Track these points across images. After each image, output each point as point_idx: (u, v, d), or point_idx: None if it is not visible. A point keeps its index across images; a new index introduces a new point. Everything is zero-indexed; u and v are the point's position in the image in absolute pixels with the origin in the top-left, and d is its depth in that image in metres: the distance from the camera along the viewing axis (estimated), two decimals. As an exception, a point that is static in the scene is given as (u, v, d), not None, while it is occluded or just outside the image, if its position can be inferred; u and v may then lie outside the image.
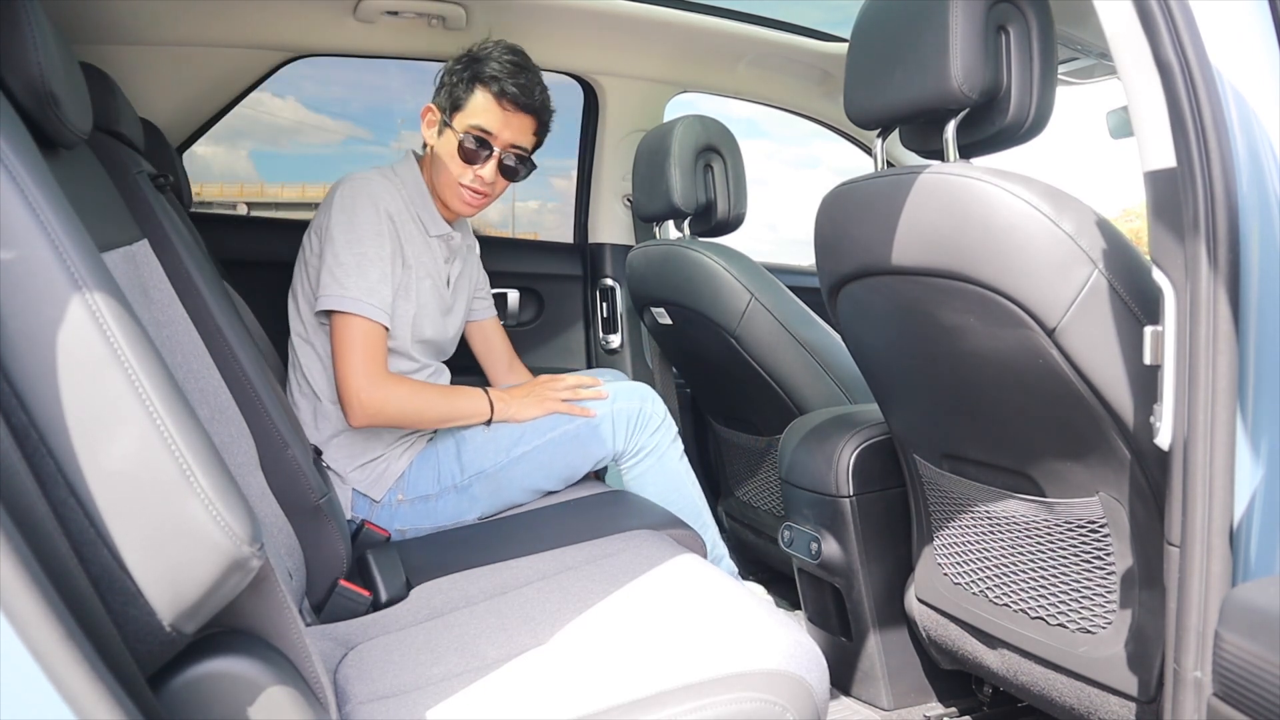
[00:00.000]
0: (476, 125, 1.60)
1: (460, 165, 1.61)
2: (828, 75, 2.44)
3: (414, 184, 1.66)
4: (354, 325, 1.50)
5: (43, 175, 0.67)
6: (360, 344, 1.50)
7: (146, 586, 0.64)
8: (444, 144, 1.62)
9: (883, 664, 1.51)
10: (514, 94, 1.59)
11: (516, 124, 1.62)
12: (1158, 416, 0.89)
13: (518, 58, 1.63)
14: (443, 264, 1.70)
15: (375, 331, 1.51)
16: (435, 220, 1.67)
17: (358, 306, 1.49)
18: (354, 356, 1.49)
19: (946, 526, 1.36)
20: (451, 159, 1.61)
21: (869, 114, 1.22)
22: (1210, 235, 0.82)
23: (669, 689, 0.90)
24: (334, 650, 1.11)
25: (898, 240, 1.14)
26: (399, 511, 1.61)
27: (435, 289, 1.67)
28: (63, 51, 0.90)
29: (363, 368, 1.49)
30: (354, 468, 1.59)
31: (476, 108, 1.60)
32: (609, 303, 2.40)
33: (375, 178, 1.58)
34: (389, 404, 1.51)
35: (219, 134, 2.19)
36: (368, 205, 1.53)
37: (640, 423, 1.69)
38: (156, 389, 0.65)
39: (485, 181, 1.62)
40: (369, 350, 1.50)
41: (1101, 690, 1.13)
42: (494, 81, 1.58)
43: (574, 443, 1.66)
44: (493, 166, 1.62)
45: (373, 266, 1.51)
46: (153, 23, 1.84)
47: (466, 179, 1.62)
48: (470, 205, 1.65)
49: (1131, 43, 0.86)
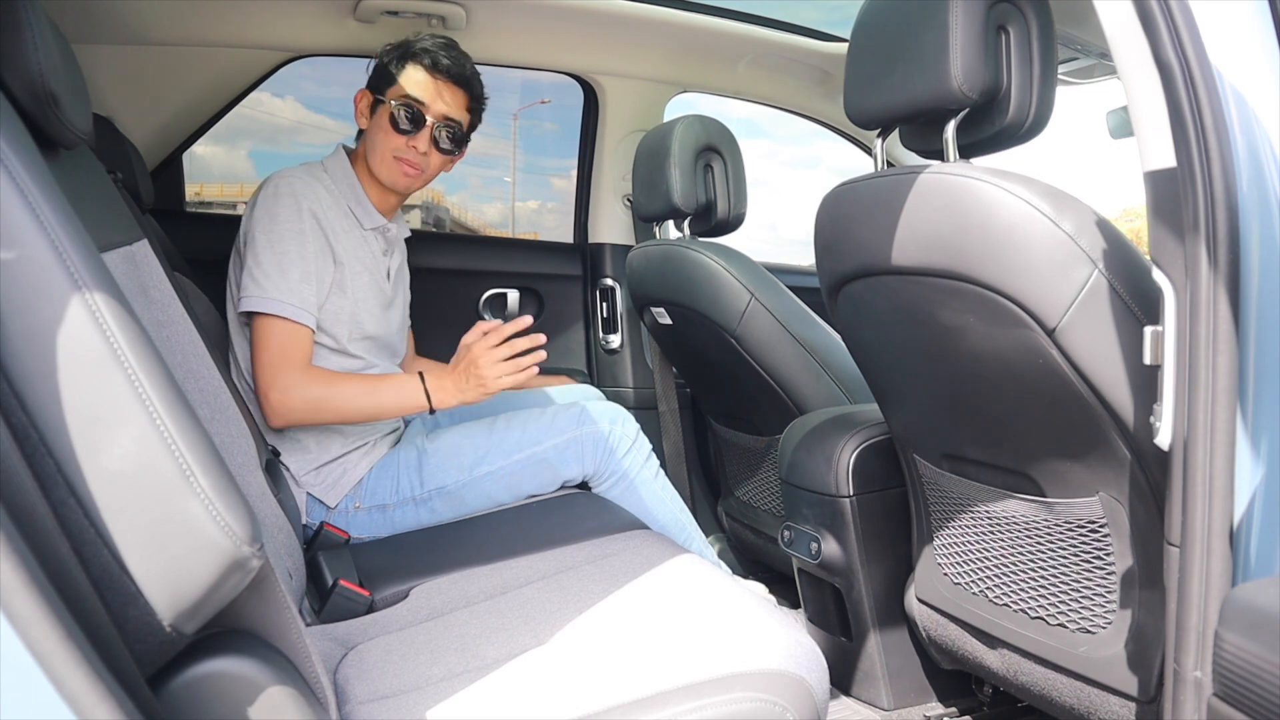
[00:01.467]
0: (408, 95, 1.60)
1: (393, 136, 1.61)
2: (828, 75, 2.44)
3: (344, 177, 1.64)
4: (271, 326, 1.48)
5: (43, 175, 0.67)
6: (274, 344, 1.47)
7: (146, 586, 0.64)
8: (377, 121, 1.62)
9: (883, 664, 1.51)
10: (445, 65, 1.61)
11: (449, 96, 1.63)
12: (1158, 416, 0.89)
13: (449, 39, 1.66)
14: (381, 256, 1.68)
15: (294, 331, 1.49)
16: (369, 213, 1.65)
17: (276, 307, 1.47)
18: (266, 356, 1.47)
19: (946, 526, 1.36)
20: (385, 132, 1.61)
21: (869, 114, 1.22)
22: (1210, 235, 0.82)
23: (669, 689, 0.90)
24: (334, 650, 1.11)
25: (898, 240, 1.14)
26: (355, 519, 1.59)
27: (374, 283, 1.65)
28: (63, 51, 0.90)
29: (274, 367, 1.47)
30: (307, 471, 1.57)
31: (408, 80, 1.61)
32: (609, 303, 2.40)
33: (300, 175, 1.56)
34: (301, 400, 1.48)
35: (219, 134, 2.19)
36: (289, 204, 1.51)
37: (610, 446, 1.67)
38: (156, 389, 0.65)
39: (419, 152, 1.62)
40: (284, 350, 1.48)
41: (1101, 690, 1.13)
42: (425, 54, 1.61)
43: (540, 465, 1.64)
44: (426, 137, 1.62)
45: (293, 266, 1.49)
46: (152, 23, 1.85)
47: (401, 150, 1.61)
48: (406, 177, 1.63)
49: (1131, 43, 0.86)
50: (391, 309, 1.71)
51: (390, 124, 1.60)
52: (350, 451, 1.61)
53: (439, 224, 4.67)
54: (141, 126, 1.94)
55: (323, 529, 1.49)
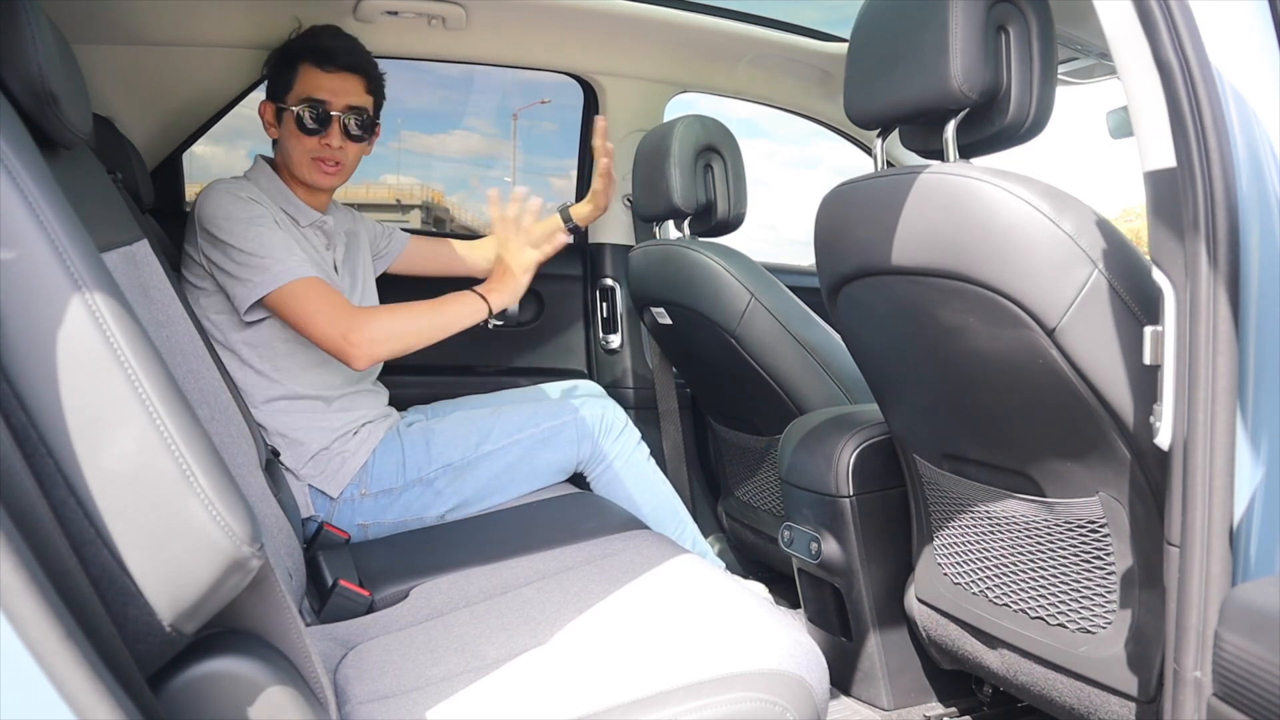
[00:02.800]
0: (308, 97, 1.61)
1: (304, 139, 1.62)
2: (828, 75, 2.44)
3: (269, 183, 1.65)
4: (293, 293, 1.48)
5: (43, 175, 0.67)
6: (311, 303, 1.48)
7: (146, 586, 0.64)
8: (285, 128, 1.64)
9: (883, 664, 1.51)
10: (336, 57, 1.62)
11: (345, 86, 1.63)
12: (1158, 416, 0.89)
13: (331, 27, 1.68)
14: (324, 251, 1.69)
15: (315, 285, 1.49)
16: (302, 210, 1.66)
17: (283, 276, 1.47)
18: (312, 316, 1.47)
19: (946, 526, 1.36)
20: (296, 137, 1.62)
21: (869, 114, 1.22)
22: (1210, 235, 0.82)
23: (669, 689, 0.90)
24: (334, 650, 1.11)
25: (897, 240, 1.14)
26: (361, 506, 1.60)
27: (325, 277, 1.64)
28: (63, 51, 0.90)
29: (329, 318, 1.47)
30: (304, 463, 1.58)
31: (304, 82, 1.62)
32: (609, 303, 2.40)
33: (227, 182, 1.57)
34: (378, 332, 1.49)
35: (219, 134, 2.18)
36: (229, 199, 1.51)
37: (602, 429, 1.74)
38: (156, 389, 0.65)
39: (333, 148, 1.63)
40: (325, 299, 1.49)
41: (1101, 690, 1.13)
42: (310, 52, 1.62)
43: (539, 446, 1.69)
44: (336, 132, 1.63)
45: (269, 239, 1.49)
46: (152, 23, 1.84)
47: (315, 150, 1.63)
48: (328, 176, 1.65)
49: (1131, 43, 0.86)
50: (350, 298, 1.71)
51: (298, 128, 1.61)
52: (341, 437, 1.62)
53: (439, 224, 4.67)
54: (141, 126, 1.94)
55: (322, 529, 1.50)
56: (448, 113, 4.55)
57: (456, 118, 4.75)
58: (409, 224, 3.08)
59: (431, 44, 2.11)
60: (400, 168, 6.61)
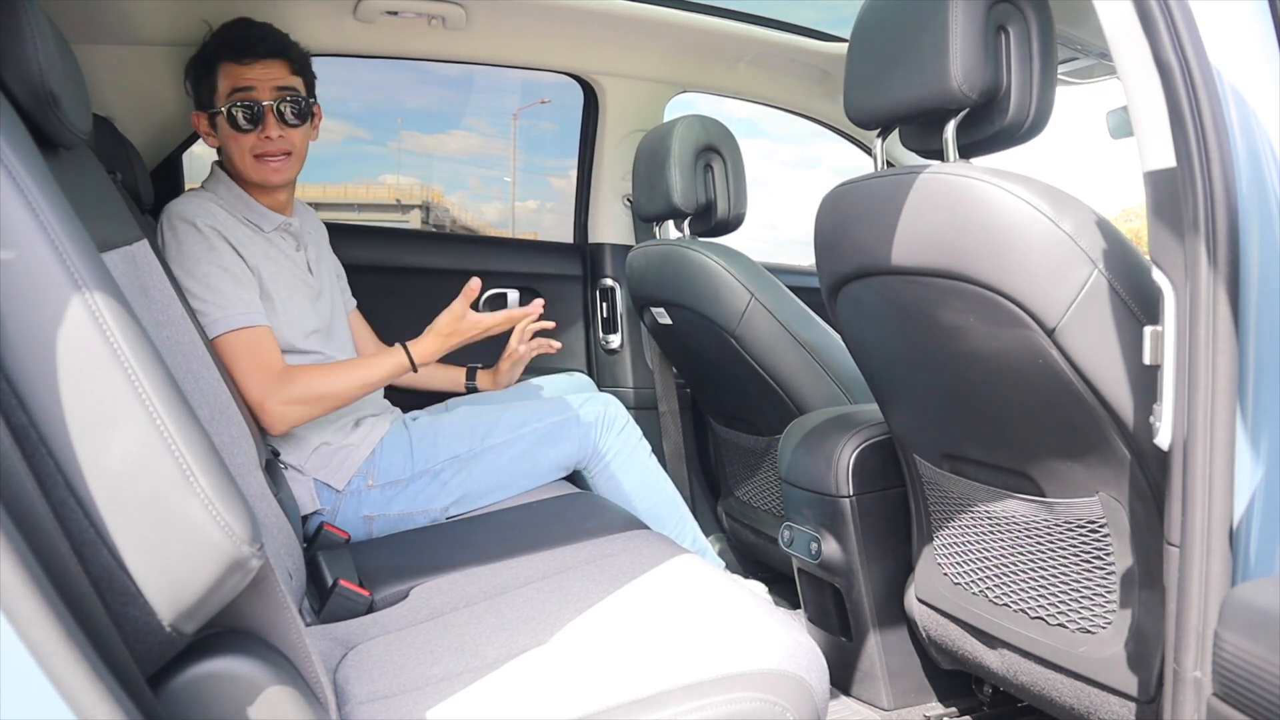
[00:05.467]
0: (233, 93, 1.57)
1: (242, 137, 1.58)
2: (828, 75, 2.44)
3: (227, 190, 1.62)
4: (232, 341, 1.46)
5: (43, 175, 0.67)
6: (243, 356, 1.46)
7: (146, 586, 0.64)
8: (222, 133, 1.60)
9: (883, 664, 1.51)
10: (249, 47, 1.58)
11: (269, 73, 1.59)
12: (1157, 416, 0.89)
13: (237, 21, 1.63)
14: (294, 253, 1.67)
15: (254, 335, 1.47)
16: (265, 215, 1.63)
17: (225, 324, 1.46)
18: (242, 371, 1.45)
19: (946, 526, 1.36)
20: (233, 139, 1.58)
21: (869, 114, 1.22)
22: (1210, 235, 0.82)
23: (669, 689, 0.90)
24: (334, 650, 1.11)
25: (897, 240, 1.14)
26: (368, 497, 1.60)
27: (298, 279, 1.64)
28: (63, 51, 0.90)
29: (254, 378, 1.45)
30: (307, 456, 1.58)
31: (226, 80, 1.58)
32: (609, 303, 2.40)
33: (189, 200, 1.55)
34: (293, 400, 1.47)
35: (219, 134, 2.18)
36: (186, 229, 1.49)
37: (604, 425, 1.75)
38: (156, 389, 0.65)
39: (273, 139, 1.58)
40: (254, 357, 1.47)
41: (1101, 690, 1.13)
42: (225, 48, 1.58)
43: (544, 440, 1.70)
44: (272, 121, 1.59)
45: (220, 279, 1.47)
46: (152, 23, 1.84)
47: (256, 146, 1.58)
48: (277, 170, 1.60)
49: (1131, 43, 0.86)
50: (321, 299, 1.70)
51: (232, 127, 1.58)
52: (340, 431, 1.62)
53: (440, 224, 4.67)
54: (141, 126, 1.94)
55: (322, 529, 1.50)
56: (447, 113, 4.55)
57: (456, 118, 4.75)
58: (409, 224, 3.08)
59: (431, 44, 2.11)
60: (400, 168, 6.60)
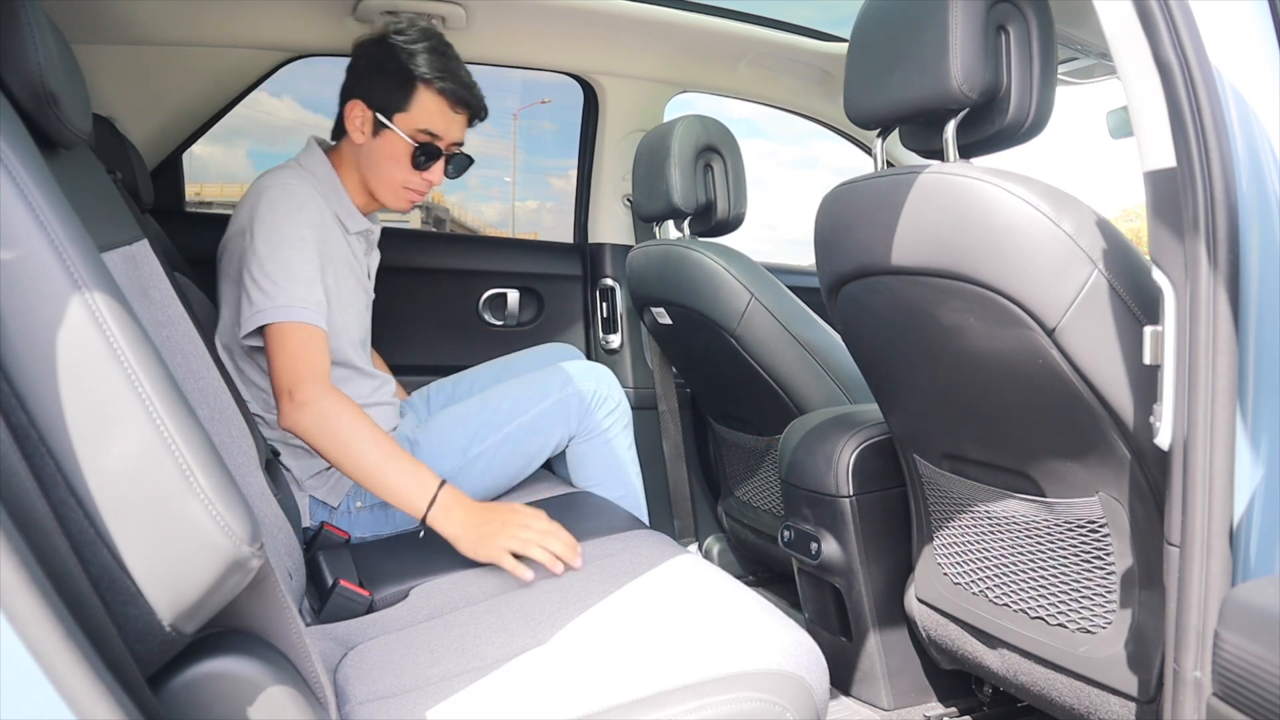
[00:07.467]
0: (426, 130, 1.53)
1: (409, 172, 1.55)
2: (828, 75, 2.44)
3: (326, 180, 1.56)
4: (285, 332, 1.38)
5: (43, 175, 0.67)
6: (290, 348, 1.37)
7: (146, 586, 0.64)
8: (384, 146, 1.53)
9: (883, 664, 1.51)
10: (464, 95, 1.54)
11: (460, 122, 1.57)
12: (1157, 416, 0.89)
13: (441, 44, 1.55)
14: (362, 257, 1.65)
15: (310, 334, 1.39)
16: (354, 217, 1.59)
17: (285, 314, 1.38)
18: (284, 361, 1.36)
19: (946, 526, 1.36)
20: (396, 163, 1.54)
21: (869, 114, 1.22)
22: (1210, 235, 0.82)
23: (669, 689, 0.90)
24: (334, 650, 1.11)
25: (897, 240, 1.14)
26: (357, 518, 1.57)
27: (360, 285, 1.61)
28: (63, 51, 0.89)
29: (292, 372, 1.35)
30: (310, 475, 1.54)
31: (424, 111, 1.52)
32: (609, 303, 2.40)
33: (291, 179, 1.48)
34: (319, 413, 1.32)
35: (218, 134, 2.19)
36: (288, 209, 1.44)
37: (595, 403, 1.66)
38: (156, 389, 0.65)
39: (433, 185, 1.57)
40: (303, 353, 1.37)
41: (1101, 690, 1.13)
42: (438, 81, 1.51)
43: (529, 432, 1.62)
44: (439, 170, 1.57)
45: (299, 270, 1.41)
46: (152, 23, 1.84)
47: (414, 183, 1.56)
48: (411, 203, 1.59)
49: (1131, 43, 0.86)
50: (369, 309, 1.69)
51: (406, 158, 1.53)
52: None
53: (439, 224, 4.66)
54: (141, 126, 1.94)
55: (323, 529, 1.49)
56: (447, 113, 4.53)
57: (456, 118, 4.74)
58: (408, 224, 3.08)
59: (431, 44, 2.11)
60: (400, 168, 6.60)
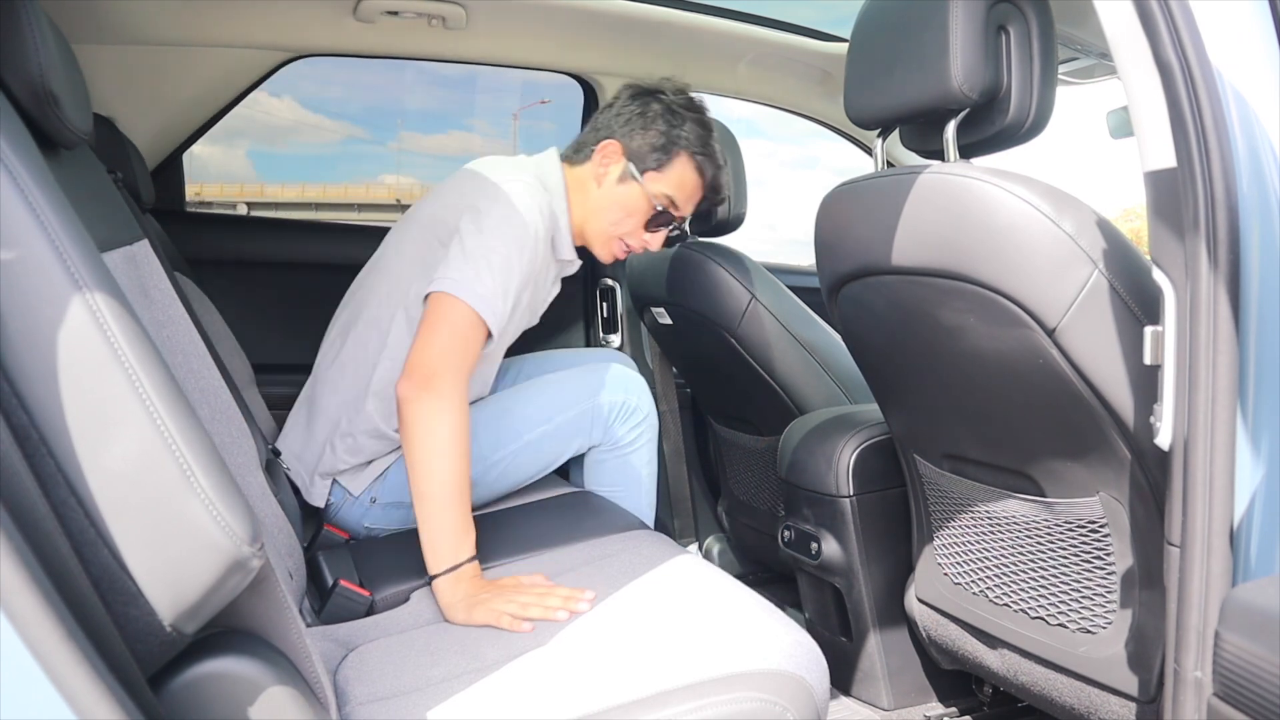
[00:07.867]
0: (670, 196, 1.50)
1: (637, 227, 1.52)
2: (828, 75, 2.44)
3: (553, 205, 1.50)
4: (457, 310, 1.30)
5: (43, 175, 0.67)
6: (460, 328, 1.29)
7: (147, 587, 0.64)
8: (624, 196, 1.50)
9: (883, 664, 1.51)
10: (715, 177, 1.52)
11: (698, 200, 1.56)
12: (1158, 416, 0.89)
13: (707, 121, 1.55)
14: (550, 286, 1.62)
15: (477, 326, 1.31)
16: (566, 245, 1.54)
17: (472, 298, 1.30)
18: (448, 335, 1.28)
19: (946, 526, 1.36)
20: (629, 217, 1.51)
21: (869, 114, 1.22)
22: (1210, 235, 0.82)
23: (669, 689, 0.90)
24: (334, 651, 1.11)
25: (898, 240, 1.14)
26: (370, 512, 1.55)
27: (531, 305, 1.57)
28: (63, 51, 0.90)
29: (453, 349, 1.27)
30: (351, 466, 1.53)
31: (678, 179, 1.51)
32: (609, 303, 2.40)
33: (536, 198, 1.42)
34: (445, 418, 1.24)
35: (218, 134, 2.18)
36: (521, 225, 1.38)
37: (622, 415, 1.61)
38: (156, 389, 0.65)
39: (650, 247, 1.54)
40: (466, 339, 1.29)
41: (1101, 690, 1.13)
42: (699, 156, 1.50)
43: (550, 441, 1.59)
44: (663, 236, 1.54)
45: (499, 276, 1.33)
46: (152, 23, 1.84)
47: (634, 241, 1.53)
48: (614, 256, 1.56)
49: (1131, 43, 0.86)
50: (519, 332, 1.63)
51: (642, 216, 1.51)
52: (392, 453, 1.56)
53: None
54: (141, 126, 1.94)
55: (323, 529, 1.49)
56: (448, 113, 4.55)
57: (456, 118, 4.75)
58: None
59: (431, 44, 2.11)
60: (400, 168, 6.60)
